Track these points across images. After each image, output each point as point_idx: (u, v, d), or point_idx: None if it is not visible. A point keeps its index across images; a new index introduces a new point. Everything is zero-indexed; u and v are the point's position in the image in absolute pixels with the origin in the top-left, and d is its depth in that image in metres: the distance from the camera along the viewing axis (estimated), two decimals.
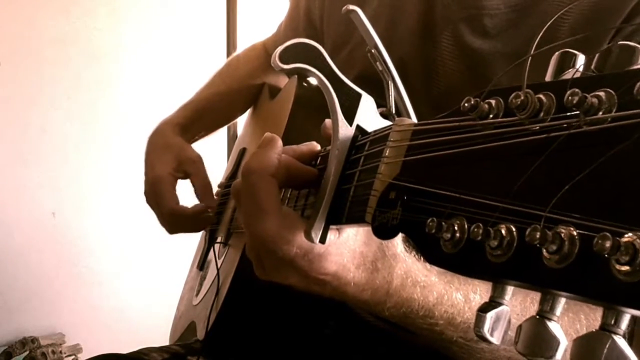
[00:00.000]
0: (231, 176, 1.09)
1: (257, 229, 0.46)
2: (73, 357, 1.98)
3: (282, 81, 1.09)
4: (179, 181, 0.99)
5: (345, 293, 0.49)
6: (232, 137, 2.06)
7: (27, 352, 1.89)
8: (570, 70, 0.29)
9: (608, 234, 0.21)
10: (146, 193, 0.99)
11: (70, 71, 2.01)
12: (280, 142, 0.48)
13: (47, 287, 2.03)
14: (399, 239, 0.50)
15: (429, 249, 0.31)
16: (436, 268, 0.51)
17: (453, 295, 0.51)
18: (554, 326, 0.26)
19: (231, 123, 1.99)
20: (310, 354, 0.78)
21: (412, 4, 0.76)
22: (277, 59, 0.43)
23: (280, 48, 0.44)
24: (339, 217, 0.43)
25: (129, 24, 2.10)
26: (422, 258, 0.49)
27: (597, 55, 0.28)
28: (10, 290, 1.96)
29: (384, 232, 0.35)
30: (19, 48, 1.92)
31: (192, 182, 0.98)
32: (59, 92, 2.00)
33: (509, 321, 0.29)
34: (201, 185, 0.97)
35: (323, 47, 0.92)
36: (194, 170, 0.97)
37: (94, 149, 2.07)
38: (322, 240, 0.44)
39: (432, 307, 0.50)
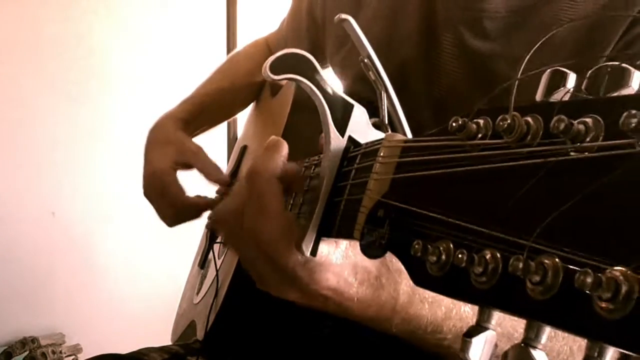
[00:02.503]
0: (232, 174, 1.09)
1: (260, 231, 0.45)
2: (73, 357, 1.99)
3: None
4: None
5: (349, 309, 0.48)
6: (232, 138, 2.05)
7: (27, 352, 1.89)
8: (560, 89, 0.29)
9: (589, 270, 0.20)
10: (145, 186, 0.98)
11: (70, 71, 2.01)
12: (286, 146, 0.48)
13: (47, 287, 2.03)
14: None
15: (415, 271, 0.30)
16: None
17: (462, 309, 0.50)
18: (539, 354, 0.25)
19: (232, 123, 2.00)
20: (309, 354, 0.78)
21: (413, 5, 0.76)
22: (267, 69, 0.43)
23: (271, 58, 0.43)
24: (330, 229, 0.43)
25: (128, 24, 2.10)
26: None
27: (588, 74, 0.27)
28: (10, 290, 1.96)
29: (371, 250, 0.35)
30: (19, 48, 1.93)
31: (198, 169, 0.97)
32: (58, 92, 2.00)
33: (495, 345, 0.28)
34: (207, 167, 0.96)
35: (325, 44, 0.92)
36: (196, 158, 0.97)
37: (94, 148, 2.08)
38: (313, 252, 0.43)
39: (440, 322, 0.49)
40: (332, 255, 0.45)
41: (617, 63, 0.27)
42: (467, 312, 0.50)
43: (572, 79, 0.29)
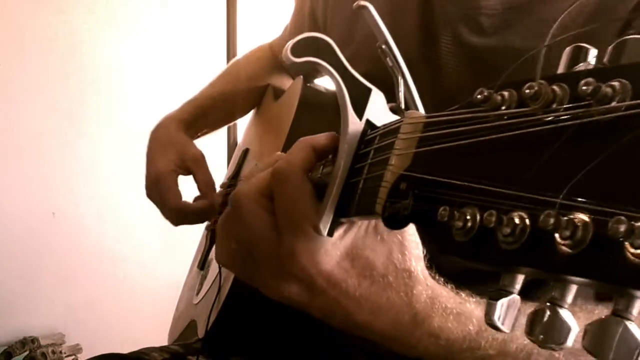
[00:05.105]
0: (233, 176, 1.09)
1: (291, 242, 0.43)
2: (73, 357, 1.98)
3: (287, 83, 1.10)
4: (182, 177, 1.00)
5: (355, 314, 0.45)
6: (232, 143, 2.06)
7: (27, 352, 1.89)
8: (582, 64, 0.29)
9: (623, 217, 0.21)
10: (147, 188, 0.99)
11: (70, 72, 2.02)
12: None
13: (48, 287, 2.03)
14: (412, 256, 0.45)
15: (440, 238, 0.31)
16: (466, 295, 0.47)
17: None
18: (565, 313, 0.26)
19: (232, 128, 2.01)
20: (311, 353, 0.78)
21: (411, 4, 0.77)
22: (289, 52, 0.43)
23: (292, 41, 0.44)
24: (347, 209, 0.43)
25: (128, 24, 2.11)
26: (436, 272, 0.47)
27: (609, 48, 0.28)
28: (11, 290, 1.96)
29: (394, 222, 0.35)
30: (18, 49, 1.93)
31: (195, 179, 0.99)
32: (58, 92, 2.01)
33: (519, 310, 0.29)
34: (204, 181, 0.98)
35: None
36: (197, 167, 0.98)
37: (94, 149, 2.08)
38: (330, 233, 0.44)
39: (475, 336, 0.45)
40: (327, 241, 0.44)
41: (638, 36, 0.27)
42: None
43: (593, 54, 0.30)
